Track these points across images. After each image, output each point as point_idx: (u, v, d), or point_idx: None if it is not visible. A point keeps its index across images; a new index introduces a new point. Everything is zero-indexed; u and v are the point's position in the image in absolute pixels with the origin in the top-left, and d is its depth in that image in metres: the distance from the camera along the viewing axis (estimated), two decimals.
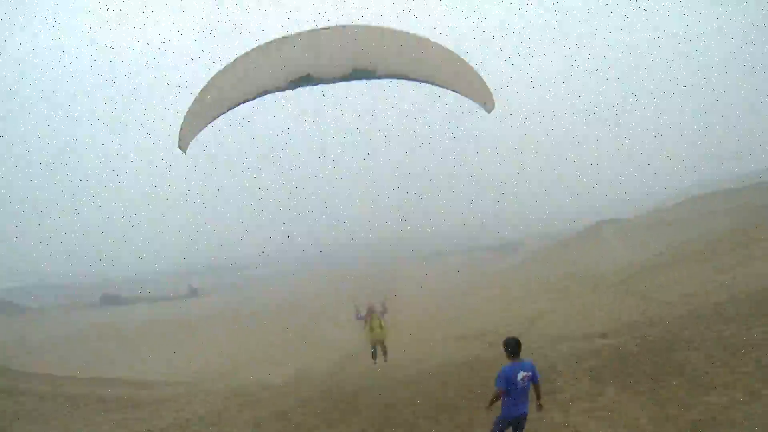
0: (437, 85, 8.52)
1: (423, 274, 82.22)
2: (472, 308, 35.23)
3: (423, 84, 8.52)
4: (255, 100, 8.42)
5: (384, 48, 7.93)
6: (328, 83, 8.20)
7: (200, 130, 8.70)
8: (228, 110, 8.46)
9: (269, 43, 7.97)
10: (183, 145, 8.71)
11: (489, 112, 8.81)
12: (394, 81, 8.36)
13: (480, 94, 8.60)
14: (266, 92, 8.25)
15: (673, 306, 14.04)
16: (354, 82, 8.21)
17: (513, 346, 6.64)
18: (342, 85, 8.28)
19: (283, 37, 7.92)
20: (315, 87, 8.28)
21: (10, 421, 10.96)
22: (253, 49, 8.00)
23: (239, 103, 8.39)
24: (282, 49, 7.88)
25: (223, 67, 8.12)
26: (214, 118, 8.56)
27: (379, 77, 8.12)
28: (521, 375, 6.50)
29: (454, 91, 8.57)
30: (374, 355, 14.45)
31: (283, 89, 8.21)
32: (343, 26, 7.84)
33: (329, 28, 7.80)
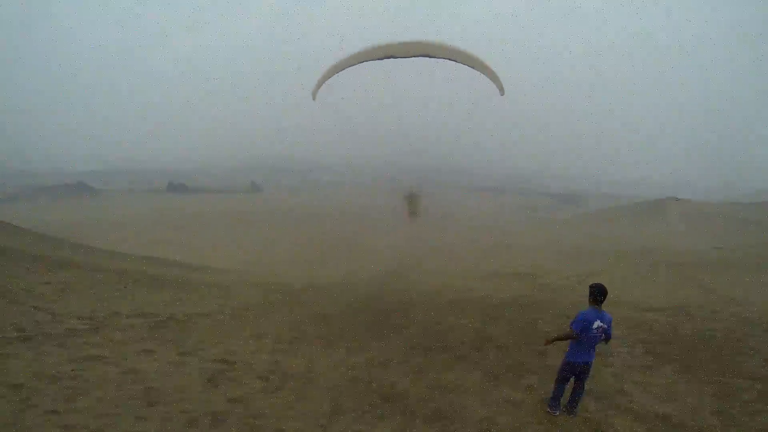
0: (473, 68, 12.02)
1: (478, 207, 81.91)
2: (525, 249, 34.62)
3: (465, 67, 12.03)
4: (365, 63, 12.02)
5: (439, 47, 11.78)
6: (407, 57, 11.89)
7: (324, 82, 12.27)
8: (348, 67, 12.06)
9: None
10: (313, 96, 12.41)
11: (502, 95, 12.50)
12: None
13: (497, 81, 12.18)
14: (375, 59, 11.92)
15: (737, 306, 13.09)
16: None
17: (599, 293, 6.34)
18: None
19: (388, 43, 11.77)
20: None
21: (60, 290, 11.24)
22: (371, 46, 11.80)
23: (359, 63, 12.00)
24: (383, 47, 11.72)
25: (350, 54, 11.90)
26: (337, 72, 12.13)
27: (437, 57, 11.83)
28: (597, 324, 6.22)
29: (482, 73, 12.12)
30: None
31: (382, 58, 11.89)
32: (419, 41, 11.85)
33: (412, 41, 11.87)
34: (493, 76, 12.03)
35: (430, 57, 11.76)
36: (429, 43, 11.57)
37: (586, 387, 6.77)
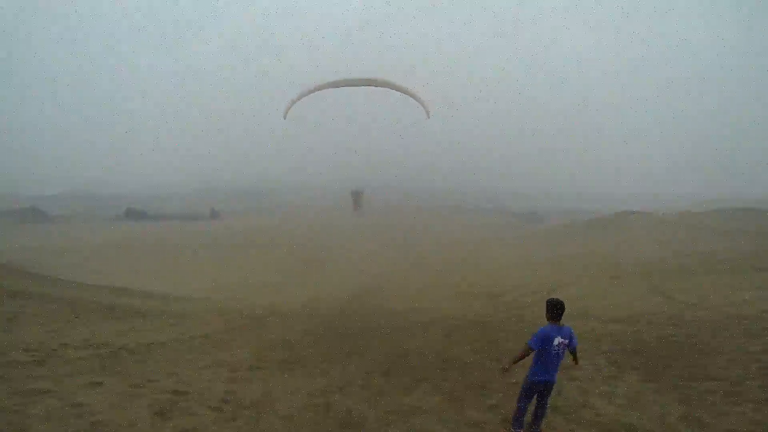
0: (406, 93, 14.66)
1: (442, 226, 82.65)
2: (488, 268, 34.99)
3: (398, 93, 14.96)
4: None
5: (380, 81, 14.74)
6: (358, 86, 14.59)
7: (293, 104, 14.57)
8: (312, 93, 14.22)
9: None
10: (284, 115, 15.20)
11: (428, 117, 15.34)
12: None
13: (426, 105, 14.67)
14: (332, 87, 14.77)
15: (697, 311, 13.51)
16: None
17: (556, 308, 6.14)
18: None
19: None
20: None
21: (8, 320, 10.84)
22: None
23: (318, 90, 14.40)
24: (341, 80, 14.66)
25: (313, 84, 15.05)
26: (303, 96, 14.24)
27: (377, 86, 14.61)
28: (558, 340, 6.09)
29: (414, 98, 14.48)
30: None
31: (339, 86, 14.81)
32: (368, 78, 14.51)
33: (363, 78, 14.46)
34: (420, 101, 14.68)
35: (374, 86, 14.37)
36: (373, 78, 14.14)
37: (551, 403, 6.76)
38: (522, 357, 6.20)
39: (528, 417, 6.62)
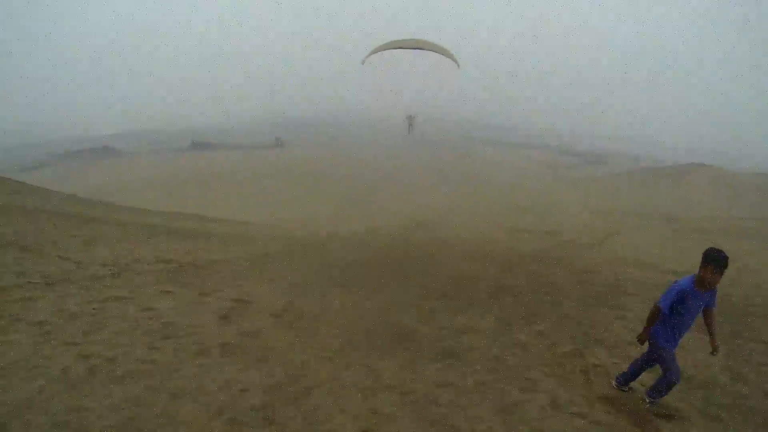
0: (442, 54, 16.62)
1: (502, 160, 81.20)
2: (550, 207, 34.34)
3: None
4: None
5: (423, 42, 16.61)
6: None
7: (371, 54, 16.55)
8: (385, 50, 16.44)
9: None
10: (363, 61, 16.76)
11: (458, 67, 16.89)
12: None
13: (456, 60, 16.55)
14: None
15: (756, 275, 12.84)
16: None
17: (722, 262, 4.76)
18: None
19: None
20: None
21: (85, 242, 11.52)
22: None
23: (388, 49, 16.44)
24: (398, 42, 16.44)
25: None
26: (379, 50, 16.40)
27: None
28: (694, 302, 5.00)
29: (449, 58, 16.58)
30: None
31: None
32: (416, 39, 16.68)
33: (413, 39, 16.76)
34: (450, 55, 16.80)
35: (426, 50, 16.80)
36: (427, 41, 16.84)
37: (599, 336, 6.78)
38: (653, 319, 5.21)
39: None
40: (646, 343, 5.44)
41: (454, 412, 5.21)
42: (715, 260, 4.77)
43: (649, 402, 5.45)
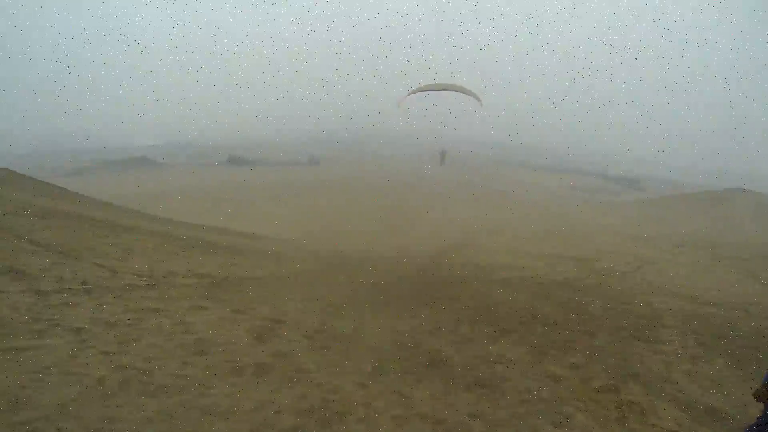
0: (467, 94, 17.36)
1: (533, 183, 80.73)
2: (584, 232, 33.80)
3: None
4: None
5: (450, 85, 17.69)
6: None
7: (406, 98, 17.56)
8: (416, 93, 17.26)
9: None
10: (399, 104, 17.69)
11: (481, 106, 17.64)
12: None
13: (477, 97, 17.26)
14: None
15: None
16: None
17: None
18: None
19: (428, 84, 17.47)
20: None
21: (123, 251, 11.71)
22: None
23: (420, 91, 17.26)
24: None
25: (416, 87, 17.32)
26: (413, 93, 17.21)
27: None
28: None
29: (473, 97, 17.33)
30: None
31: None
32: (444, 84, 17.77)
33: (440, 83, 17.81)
34: (474, 95, 17.56)
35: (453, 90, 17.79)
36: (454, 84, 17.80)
37: (634, 370, 6.56)
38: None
39: None
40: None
41: None
42: None
43: None
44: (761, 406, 4.93)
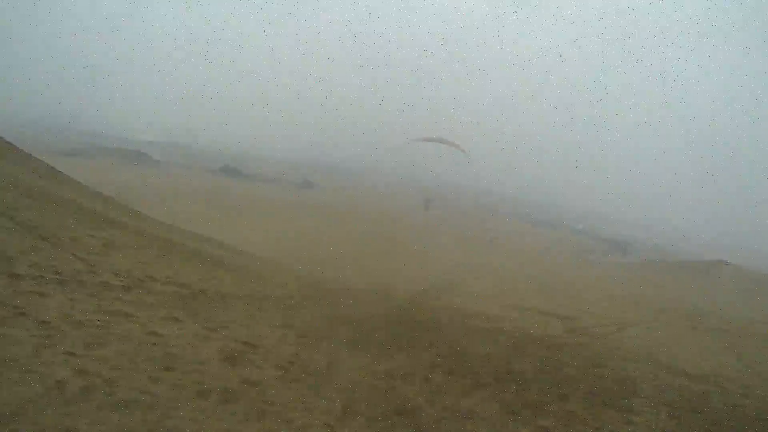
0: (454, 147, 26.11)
1: (522, 234, 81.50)
2: (563, 290, 33.92)
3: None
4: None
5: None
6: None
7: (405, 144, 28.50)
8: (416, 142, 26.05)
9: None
10: (401, 145, 29.83)
11: (469, 160, 26.35)
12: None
13: (466, 153, 23.97)
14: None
15: None
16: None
17: None
18: None
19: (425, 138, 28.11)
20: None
21: (104, 245, 11.43)
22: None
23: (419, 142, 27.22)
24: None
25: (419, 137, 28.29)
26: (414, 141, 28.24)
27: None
28: None
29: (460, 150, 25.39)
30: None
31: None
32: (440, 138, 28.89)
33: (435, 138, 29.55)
34: (463, 150, 18.33)
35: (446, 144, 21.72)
36: (446, 139, 19.74)
37: None
38: None
39: None
40: None
41: None
42: None
43: None
44: None
